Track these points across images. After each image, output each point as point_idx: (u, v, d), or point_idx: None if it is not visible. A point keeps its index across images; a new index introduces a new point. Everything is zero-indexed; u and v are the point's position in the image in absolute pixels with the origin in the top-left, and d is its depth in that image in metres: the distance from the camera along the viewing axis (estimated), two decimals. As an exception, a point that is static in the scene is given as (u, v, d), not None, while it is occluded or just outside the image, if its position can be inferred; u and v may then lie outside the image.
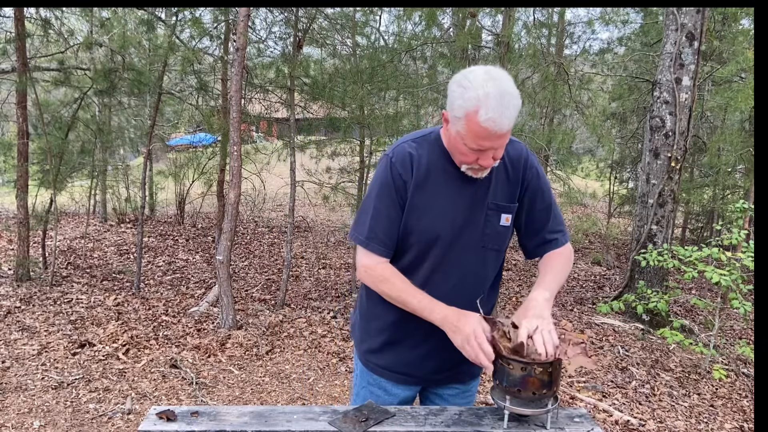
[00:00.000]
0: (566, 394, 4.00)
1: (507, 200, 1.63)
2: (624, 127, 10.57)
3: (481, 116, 1.39)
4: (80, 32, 8.93)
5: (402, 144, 1.61)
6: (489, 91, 1.38)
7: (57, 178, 6.34)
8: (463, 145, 1.47)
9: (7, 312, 5.26)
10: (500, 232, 1.64)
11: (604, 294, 6.98)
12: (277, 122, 11.09)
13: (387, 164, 1.58)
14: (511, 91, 1.41)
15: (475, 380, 1.85)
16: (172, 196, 11.17)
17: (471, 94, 1.40)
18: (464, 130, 1.44)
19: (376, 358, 1.76)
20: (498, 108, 1.38)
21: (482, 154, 1.47)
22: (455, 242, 1.60)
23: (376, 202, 1.58)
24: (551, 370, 1.48)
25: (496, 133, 1.41)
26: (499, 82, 1.41)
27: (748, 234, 4.40)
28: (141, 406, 3.70)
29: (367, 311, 1.77)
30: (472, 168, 1.53)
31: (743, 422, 3.71)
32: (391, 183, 1.56)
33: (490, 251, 1.65)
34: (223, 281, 4.99)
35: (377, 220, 1.58)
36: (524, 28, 8.02)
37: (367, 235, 1.59)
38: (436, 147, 1.60)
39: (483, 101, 1.38)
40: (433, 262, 1.61)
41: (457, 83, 1.45)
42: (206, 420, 1.56)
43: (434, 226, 1.58)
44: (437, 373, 1.76)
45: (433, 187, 1.57)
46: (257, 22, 8.34)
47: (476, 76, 1.42)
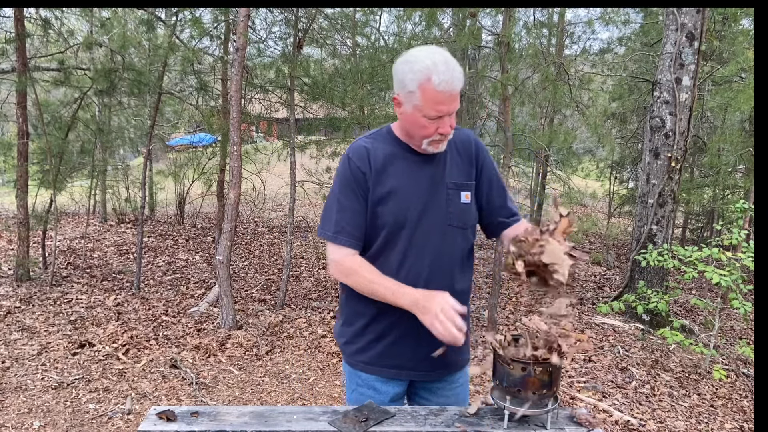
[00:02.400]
0: (566, 394, 4.00)
1: (464, 179, 1.72)
2: (624, 127, 10.57)
3: (434, 81, 1.50)
4: (80, 32, 8.93)
5: (357, 141, 1.71)
6: (435, 59, 1.51)
7: (57, 178, 6.34)
8: (422, 117, 1.56)
9: (7, 312, 5.26)
10: (463, 209, 1.71)
11: (604, 294, 6.97)
12: (277, 122, 11.09)
13: (345, 161, 1.67)
14: (452, 58, 1.55)
15: (461, 371, 1.84)
16: (172, 196, 11.17)
17: (419, 66, 1.51)
18: (420, 101, 1.54)
19: (363, 356, 1.77)
20: (447, 71, 1.50)
21: (441, 122, 1.57)
22: (421, 223, 1.66)
23: (339, 197, 1.65)
24: (551, 370, 1.48)
25: (451, 94, 1.53)
26: (440, 53, 1.54)
27: (748, 234, 4.40)
28: (141, 406, 3.70)
29: (349, 312, 1.79)
30: (433, 140, 1.61)
31: (743, 422, 3.71)
32: (350, 177, 1.64)
33: (456, 229, 1.71)
34: (223, 281, 4.99)
35: (342, 214, 1.64)
36: (524, 28, 8.02)
37: (335, 229, 1.64)
38: (389, 138, 1.70)
39: (432, 69, 1.50)
40: (404, 245, 1.66)
41: (402, 62, 1.56)
42: (206, 420, 1.56)
43: (400, 210, 1.64)
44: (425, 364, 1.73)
45: (392, 174, 1.65)
46: (257, 22, 8.34)
47: (419, 52, 1.55)
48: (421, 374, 1.78)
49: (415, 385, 1.83)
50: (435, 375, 1.79)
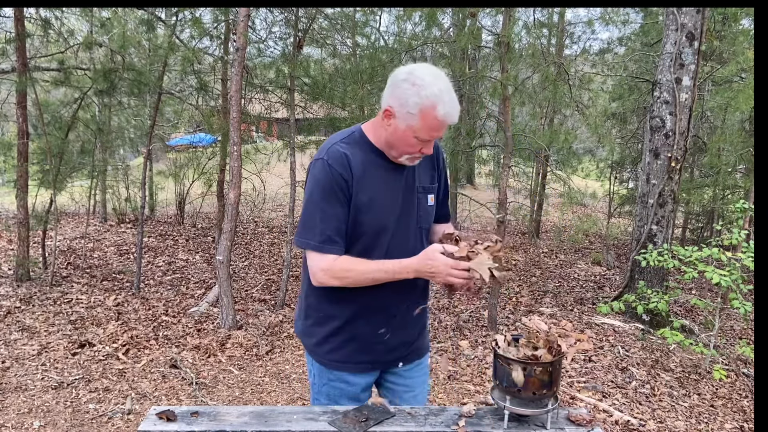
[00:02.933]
0: (566, 394, 4.00)
1: (430, 182, 1.81)
2: (624, 127, 10.57)
3: (440, 111, 1.55)
4: (80, 32, 8.92)
5: (333, 146, 1.68)
6: (442, 88, 1.55)
7: (57, 178, 6.34)
8: (413, 137, 1.60)
9: (7, 312, 5.26)
10: (428, 211, 1.81)
11: (605, 294, 6.97)
12: (277, 122, 11.09)
13: (324, 166, 1.64)
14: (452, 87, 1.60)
15: (428, 352, 1.98)
16: (172, 196, 11.17)
17: (427, 92, 1.54)
18: (418, 125, 1.57)
19: (336, 355, 1.80)
20: (451, 103, 1.56)
21: (427, 144, 1.63)
22: (398, 228, 1.72)
23: (321, 204, 1.64)
24: (551, 370, 1.49)
25: (447, 125, 1.60)
26: (445, 80, 1.58)
27: (748, 234, 4.40)
28: (141, 406, 3.70)
29: (320, 315, 1.81)
30: (412, 157, 1.67)
31: (743, 422, 3.71)
32: (333, 183, 1.63)
33: (423, 230, 1.80)
34: (223, 281, 4.99)
35: (326, 222, 1.64)
36: (524, 28, 8.03)
37: (320, 238, 1.64)
38: (364, 144, 1.70)
39: (439, 98, 1.54)
40: (382, 250, 1.70)
41: (407, 82, 1.57)
42: (206, 420, 1.56)
43: (380, 217, 1.68)
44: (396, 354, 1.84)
45: (371, 182, 1.67)
46: (257, 22, 8.33)
47: (425, 75, 1.57)
48: (391, 364, 1.86)
49: (383, 372, 1.90)
50: (405, 361, 1.88)
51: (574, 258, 9.36)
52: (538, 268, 8.44)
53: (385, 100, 1.62)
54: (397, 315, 1.77)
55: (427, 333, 1.96)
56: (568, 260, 9.17)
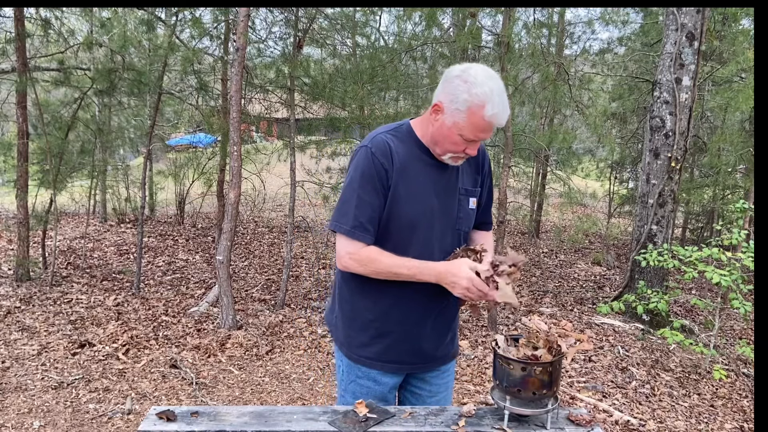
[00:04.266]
0: (566, 394, 4.00)
1: (472, 185, 1.79)
2: (624, 127, 10.57)
3: (488, 111, 1.53)
4: (80, 32, 8.93)
5: (379, 135, 1.68)
6: (493, 88, 1.53)
7: (57, 178, 6.34)
8: (458, 135, 1.58)
9: (7, 312, 5.26)
10: (469, 214, 1.78)
11: (605, 294, 6.97)
12: (277, 122, 11.09)
13: (368, 154, 1.64)
14: (505, 91, 1.58)
15: (453, 360, 1.95)
16: (172, 196, 11.17)
17: (478, 90, 1.52)
18: (464, 122, 1.56)
19: (366, 351, 1.78)
20: (501, 104, 1.54)
21: (472, 144, 1.61)
22: (434, 227, 1.70)
23: (359, 191, 1.63)
24: (551, 370, 1.49)
25: (494, 127, 1.57)
26: (498, 81, 1.56)
27: (748, 234, 4.40)
28: (141, 406, 3.70)
29: (352, 307, 1.80)
30: (456, 156, 1.65)
31: (743, 422, 3.71)
32: (373, 172, 1.62)
33: (462, 232, 1.78)
34: (223, 281, 4.99)
35: (361, 209, 1.63)
36: (524, 28, 8.03)
37: (352, 224, 1.63)
38: (409, 138, 1.69)
39: (489, 98, 1.52)
40: (416, 247, 1.68)
41: (460, 78, 1.56)
42: (206, 420, 1.56)
43: (415, 213, 1.66)
44: (425, 358, 1.82)
45: (412, 176, 1.66)
46: (257, 22, 8.34)
47: (478, 73, 1.55)
48: (419, 367, 1.84)
49: (408, 375, 1.88)
50: (431, 366, 1.85)
51: (574, 258, 9.36)
52: (538, 268, 8.44)
53: (436, 95, 1.61)
54: (430, 317, 1.76)
55: (456, 339, 1.94)
56: (568, 260, 9.17)
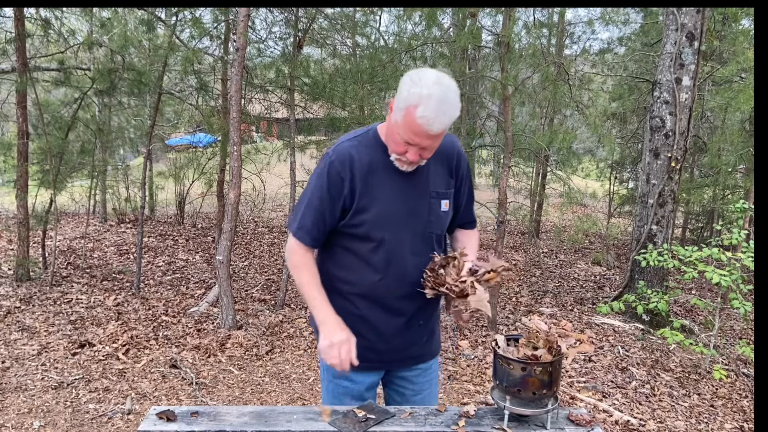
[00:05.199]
0: (566, 394, 4.00)
1: (444, 187, 1.78)
2: (624, 127, 10.57)
3: (419, 113, 1.51)
4: (80, 32, 8.92)
5: (342, 143, 1.71)
6: (433, 92, 1.51)
7: (57, 178, 6.34)
8: (397, 134, 1.59)
9: (7, 312, 5.26)
10: (441, 217, 1.78)
11: (605, 294, 6.97)
12: (277, 122, 11.09)
13: (326, 163, 1.69)
14: (452, 101, 1.54)
15: (435, 359, 1.96)
16: (172, 196, 11.17)
17: (416, 90, 1.52)
18: (401, 121, 1.56)
19: None
20: (435, 110, 1.51)
21: (410, 148, 1.59)
22: (403, 230, 1.72)
23: (311, 196, 1.71)
24: (551, 370, 1.49)
25: (426, 132, 1.54)
26: (446, 89, 1.53)
27: (748, 234, 4.40)
28: (141, 406, 3.70)
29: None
30: (399, 159, 1.65)
31: (743, 422, 3.71)
32: (327, 180, 1.67)
33: (434, 235, 1.79)
34: (223, 281, 4.99)
35: (308, 214, 1.71)
36: (524, 28, 8.02)
37: (298, 225, 1.73)
38: (375, 144, 1.71)
39: (424, 100, 1.50)
40: (388, 251, 1.71)
41: (409, 77, 1.56)
42: (206, 420, 1.56)
43: (381, 218, 1.68)
44: (399, 355, 1.85)
45: (378, 182, 1.68)
46: (257, 22, 8.34)
47: (428, 77, 1.54)
48: (394, 365, 1.87)
49: (390, 374, 1.90)
50: (407, 364, 1.88)
51: (574, 258, 9.36)
52: (538, 268, 8.44)
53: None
54: (404, 316, 1.78)
55: (436, 338, 1.95)
56: (568, 260, 9.17)
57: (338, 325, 1.67)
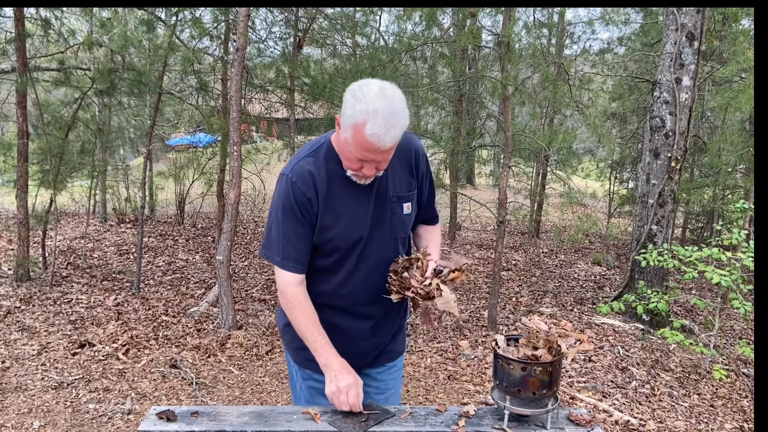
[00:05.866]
0: (566, 394, 4.00)
1: (405, 190, 1.75)
2: (624, 127, 10.57)
3: (368, 130, 1.46)
4: (80, 32, 8.92)
5: (299, 162, 1.67)
6: (378, 107, 1.45)
7: (57, 178, 6.34)
8: (349, 152, 1.55)
9: (7, 312, 5.26)
10: (404, 220, 1.76)
11: (605, 294, 6.97)
12: (277, 122, 11.09)
13: (287, 184, 1.64)
14: (400, 111, 1.49)
15: (401, 356, 1.97)
16: (172, 196, 11.17)
17: (361, 107, 1.46)
18: (351, 139, 1.51)
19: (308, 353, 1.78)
20: (384, 125, 1.45)
21: (366, 164, 1.56)
22: (370, 240, 1.70)
23: (283, 223, 1.66)
24: (551, 370, 1.49)
25: (379, 148, 1.49)
26: (390, 100, 1.47)
27: (748, 234, 4.40)
28: (141, 406, 3.70)
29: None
30: (356, 175, 1.62)
31: (743, 422, 3.71)
32: (293, 202, 1.63)
33: (399, 239, 1.77)
34: (223, 281, 4.99)
35: (288, 240, 1.66)
36: (524, 28, 8.02)
37: (282, 255, 1.68)
38: (330, 157, 1.67)
39: (371, 116, 1.45)
40: (354, 261, 1.70)
41: (351, 93, 1.51)
42: (206, 420, 1.56)
43: (348, 233, 1.67)
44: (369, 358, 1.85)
45: (339, 196, 1.66)
46: (257, 22, 8.34)
47: (370, 90, 1.48)
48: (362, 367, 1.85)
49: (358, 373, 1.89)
50: (376, 364, 1.89)
51: (574, 258, 9.36)
52: (538, 268, 8.44)
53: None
54: (370, 322, 1.78)
55: (402, 336, 1.95)
56: (568, 260, 9.17)
57: (344, 369, 1.64)
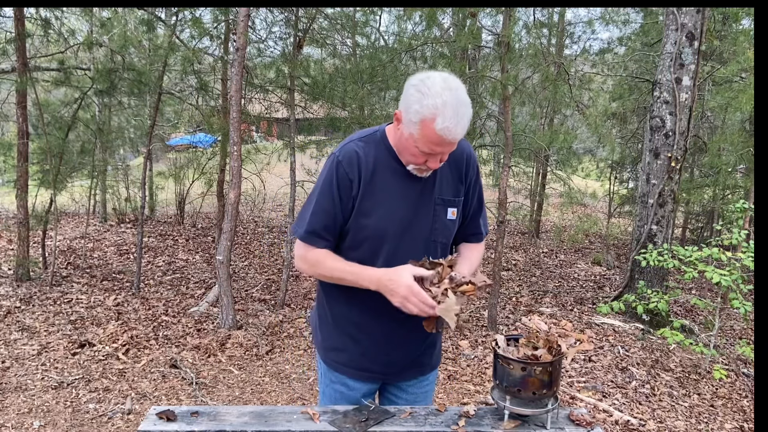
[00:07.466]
0: (566, 394, 4.00)
1: (452, 195, 1.71)
2: (624, 127, 10.56)
3: (438, 124, 1.45)
4: (80, 32, 8.92)
5: (349, 143, 1.65)
6: (446, 100, 1.45)
7: (57, 178, 6.34)
8: (415, 147, 1.53)
9: (7, 312, 5.26)
10: (447, 225, 1.71)
11: (605, 294, 6.97)
12: (277, 122, 11.09)
13: (333, 162, 1.62)
14: (466, 102, 1.48)
15: (434, 371, 1.91)
16: (172, 196, 11.17)
17: (429, 102, 1.45)
18: (418, 134, 1.50)
19: (337, 356, 1.79)
20: (454, 118, 1.45)
21: (431, 157, 1.55)
22: (404, 237, 1.65)
23: (318, 198, 1.63)
24: (551, 370, 1.49)
25: (450, 141, 1.49)
26: (456, 92, 1.47)
27: (748, 234, 4.40)
28: (141, 406, 3.70)
29: (327, 313, 1.80)
30: (419, 168, 1.60)
31: (743, 422, 3.71)
32: (335, 181, 1.60)
33: (438, 244, 1.71)
34: (223, 281, 4.99)
35: (318, 216, 1.63)
36: (524, 28, 8.01)
37: (307, 229, 1.64)
38: (382, 146, 1.65)
39: (441, 110, 1.44)
40: (386, 257, 1.65)
41: (415, 87, 1.49)
42: (206, 420, 1.56)
43: (383, 223, 1.63)
44: (398, 368, 1.80)
45: (381, 185, 1.62)
46: (257, 22, 8.34)
47: (434, 83, 1.47)
48: (391, 377, 1.82)
49: (386, 383, 1.87)
50: (405, 376, 1.83)
51: (574, 258, 9.36)
52: (538, 268, 8.43)
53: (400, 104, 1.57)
54: (404, 327, 1.71)
55: (437, 351, 1.89)
56: (568, 260, 9.17)
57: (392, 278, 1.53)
